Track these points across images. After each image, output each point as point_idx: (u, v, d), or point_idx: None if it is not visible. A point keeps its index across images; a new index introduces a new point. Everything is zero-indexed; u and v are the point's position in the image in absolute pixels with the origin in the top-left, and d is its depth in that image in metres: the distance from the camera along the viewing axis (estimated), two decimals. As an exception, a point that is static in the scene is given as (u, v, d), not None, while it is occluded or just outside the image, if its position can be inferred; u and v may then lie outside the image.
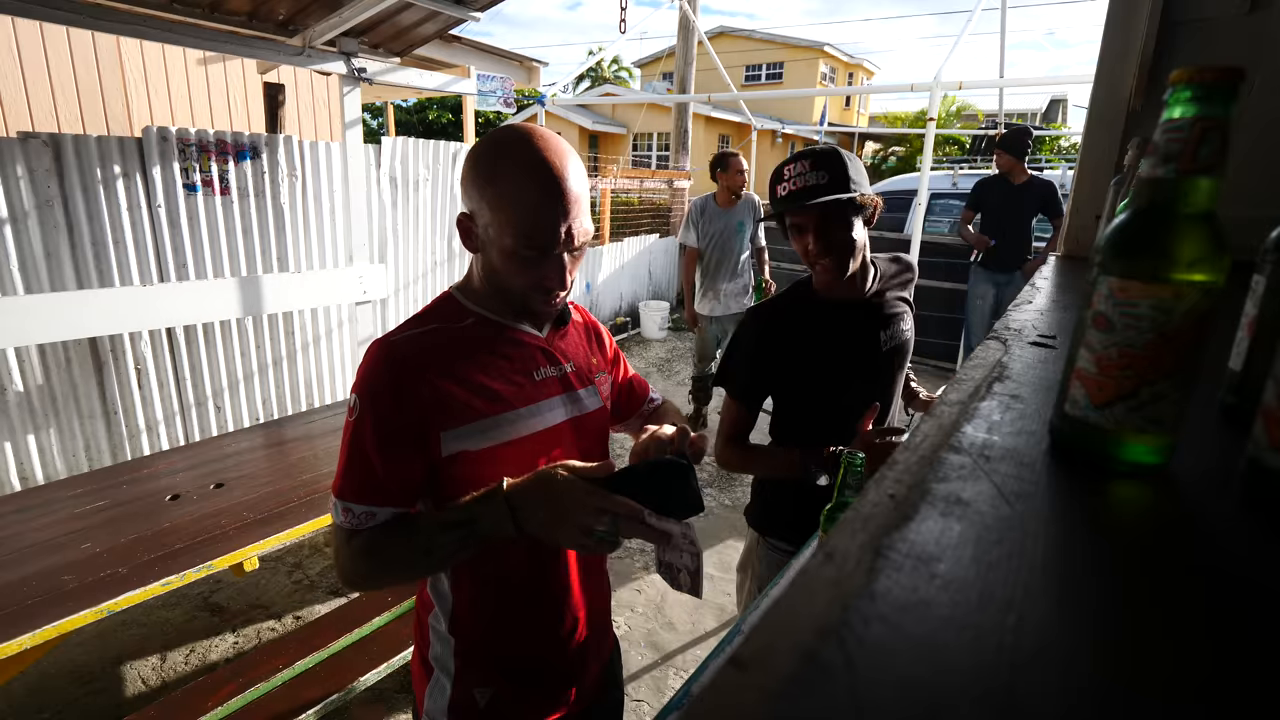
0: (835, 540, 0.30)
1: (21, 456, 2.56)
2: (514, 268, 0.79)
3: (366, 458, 0.78)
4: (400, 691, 2.02)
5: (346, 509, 0.79)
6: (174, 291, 2.60)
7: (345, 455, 0.79)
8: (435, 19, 2.77)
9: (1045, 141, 16.63)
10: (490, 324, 0.86)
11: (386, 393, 0.77)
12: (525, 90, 6.33)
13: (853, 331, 1.29)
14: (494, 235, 0.77)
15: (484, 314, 0.86)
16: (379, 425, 0.77)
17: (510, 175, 0.75)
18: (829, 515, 1.06)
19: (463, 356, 0.81)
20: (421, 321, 0.84)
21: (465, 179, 0.79)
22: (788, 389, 1.34)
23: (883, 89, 10.62)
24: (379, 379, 0.78)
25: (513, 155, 0.75)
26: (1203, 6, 1.11)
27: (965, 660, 0.23)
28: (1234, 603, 0.28)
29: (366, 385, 0.78)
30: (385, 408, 0.77)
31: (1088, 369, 0.39)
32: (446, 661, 0.89)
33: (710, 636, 2.36)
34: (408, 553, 0.78)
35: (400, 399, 0.77)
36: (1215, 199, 0.37)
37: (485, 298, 0.86)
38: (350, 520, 0.79)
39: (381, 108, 9.69)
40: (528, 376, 0.86)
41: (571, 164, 0.77)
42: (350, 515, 0.79)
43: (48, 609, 1.34)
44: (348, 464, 0.79)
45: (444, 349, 0.81)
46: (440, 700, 0.89)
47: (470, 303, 0.87)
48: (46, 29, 4.05)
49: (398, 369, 0.78)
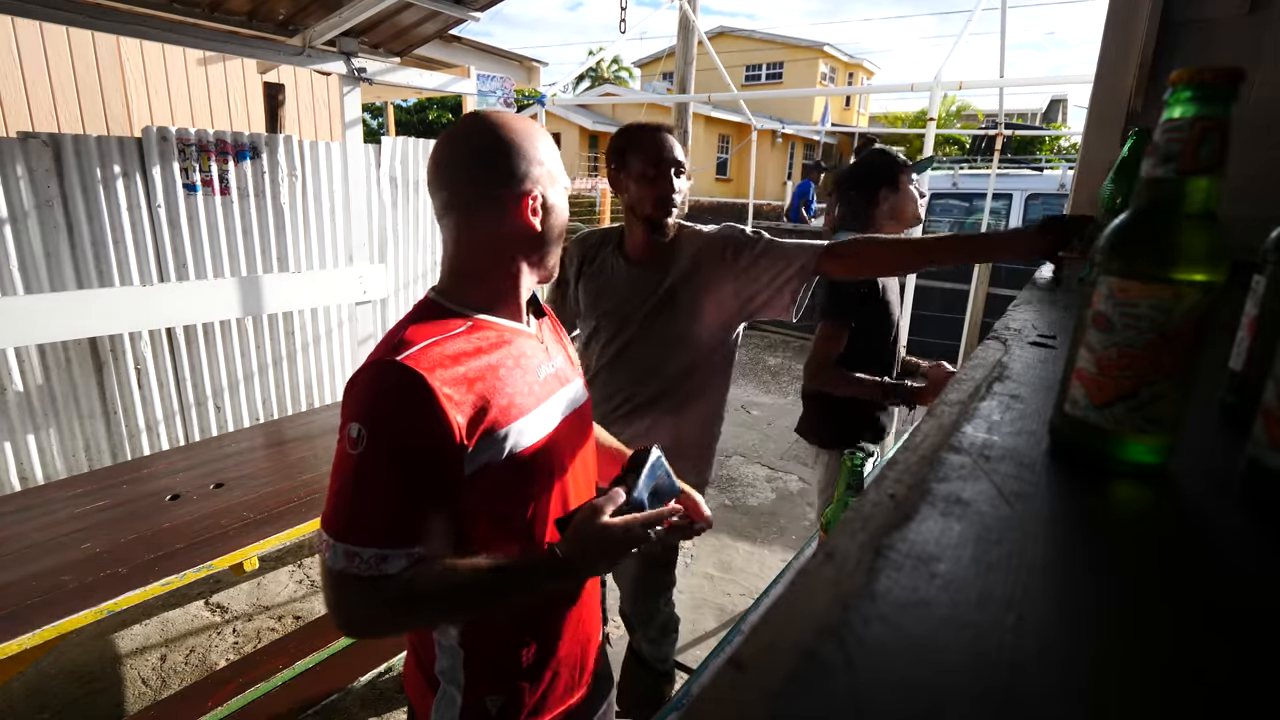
0: (835, 540, 0.30)
1: (21, 456, 2.56)
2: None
3: (377, 496, 0.69)
4: (400, 691, 2.02)
5: (353, 553, 0.68)
6: (174, 291, 2.60)
7: (347, 492, 0.70)
8: (435, 19, 2.77)
9: (1045, 141, 16.63)
10: (490, 325, 0.81)
11: (399, 418, 0.69)
12: (525, 90, 6.32)
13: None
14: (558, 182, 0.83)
15: (476, 314, 0.81)
16: (393, 458, 0.69)
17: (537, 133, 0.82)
18: (829, 515, 1.06)
19: (472, 363, 0.75)
20: (414, 334, 0.74)
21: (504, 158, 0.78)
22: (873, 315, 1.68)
23: (883, 89, 10.62)
24: (388, 405, 0.69)
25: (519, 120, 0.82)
26: (1203, 6, 1.11)
27: (965, 660, 0.23)
28: (1234, 602, 0.28)
29: (374, 412, 0.69)
30: (399, 436, 0.69)
31: (1088, 369, 0.39)
32: (456, 674, 0.86)
33: (710, 636, 2.36)
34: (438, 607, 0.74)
35: (417, 424, 0.69)
36: (1215, 199, 0.37)
37: (476, 295, 0.82)
38: (358, 567, 0.69)
39: (381, 108, 9.68)
40: (535, 375, 0.83)
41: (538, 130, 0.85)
42: (357, 560, 0.68)
43: (48, 609, 1.34)
44: (352, 502, 0.70)
45: (451, 359, 0.73)
46: (450, 711, 0.87)
47: (454, 304, 0.81)
48: (46, 29, 4.05)
49: (409, 390, 0.69)
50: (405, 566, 0.70)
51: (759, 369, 5.66)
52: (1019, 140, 14.44)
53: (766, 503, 3.36)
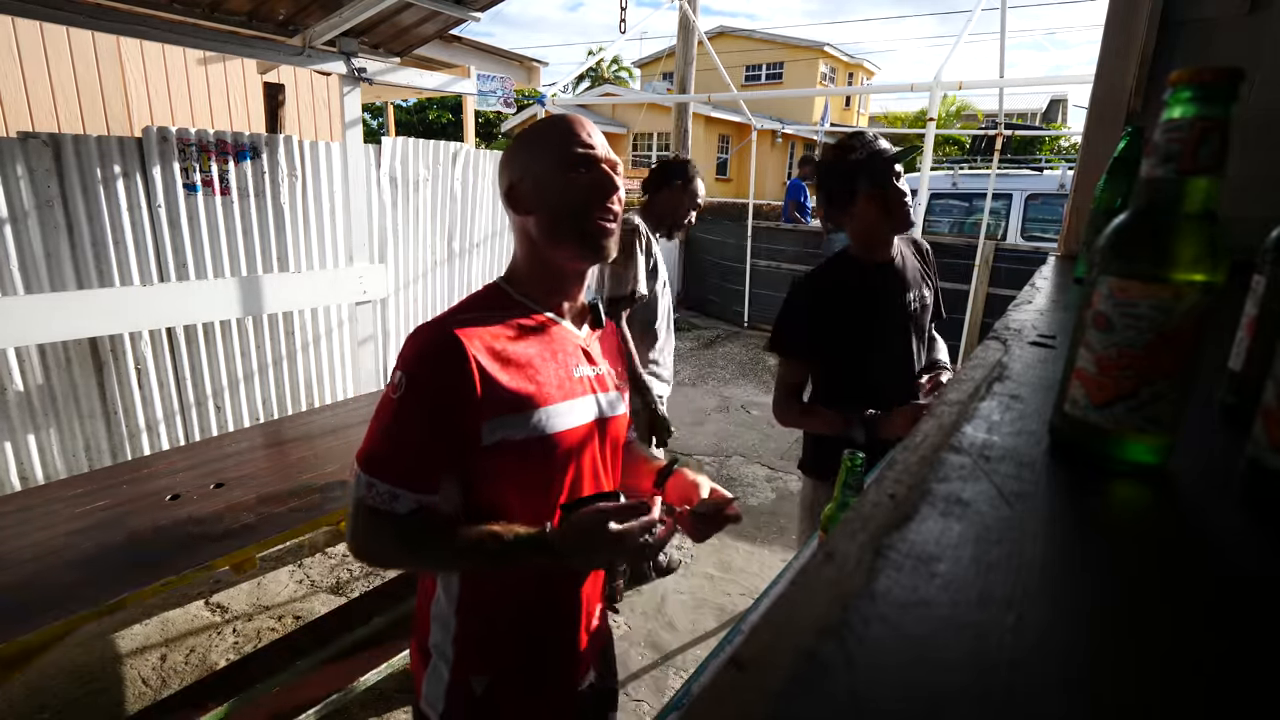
0: (835, 540, 0.30)
1: (21, 456, 2.56)
2: (569, 180, 0.84)
3: (404, 436, 0.77)
4: (400, 691, 2.02)
5: (371, 484, 0.78)
6: (174, 291, 2.60)
7: (379, 429, 0.79)
8: (435, 19, 2.77)
9: (1045, 141, 16.63)
10: (536, 315, 0.88)
11: (436, 373, 0.77)
12: (525, 90, 6.33)
13: (886, 289, 1.51)
14: (544, 168, 0.84)
15: (529, 304, 0.89)
16: (423, 404, 0.77)
17: (541, 128, 0.87)
18: (829, 515, 1.06)
19: (511, 345, 0.83)
20: (470, 308, 0.85)
21: (506, 163, 0.88)
22: (833, 345, 1.50)
23: (883, 89, 10.62)
24: (429, 358, 0.78)
25: (538, 123, 0.89)
26: (1203, 6, 1.11)
27: (965, 660, 0.23)
28: (1234, 602, 0.28)
29: (415, 363, 0.78)
30: (433, 387, 0.77)
31: (1088, 369, 0.39)
32: (445, 648, 0.90)
33: (710, 636, 2.36)
34: (435, 556, 0.82)
35: (449, 381, 0.77)
36: (1215, 199, 0.37)
37: (531, 285, 0.89)
38: (374, 498, 0.78)
39: (381, 108, 9.69)
40: (569, 371, 0.88)
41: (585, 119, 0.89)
42: (374, 492, 0.77)
43: (48, 609, 1.33)
44: (381, 438, 0.79)
45: (494, 336, 0.82)
46: (438, 687, 0.90)
47: (516, 293, 0.89)
48: (46, 29, 4.05)
49: (450, 351, 0.78)
50: (413, 510, 0.78)
51: (759, 369, 5.66)
52: (1019, 140, 14.44)
53: (766, 503, 3.36)
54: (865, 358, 1.49)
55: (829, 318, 1.48)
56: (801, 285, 1.53)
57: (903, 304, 1.52)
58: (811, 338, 1.49)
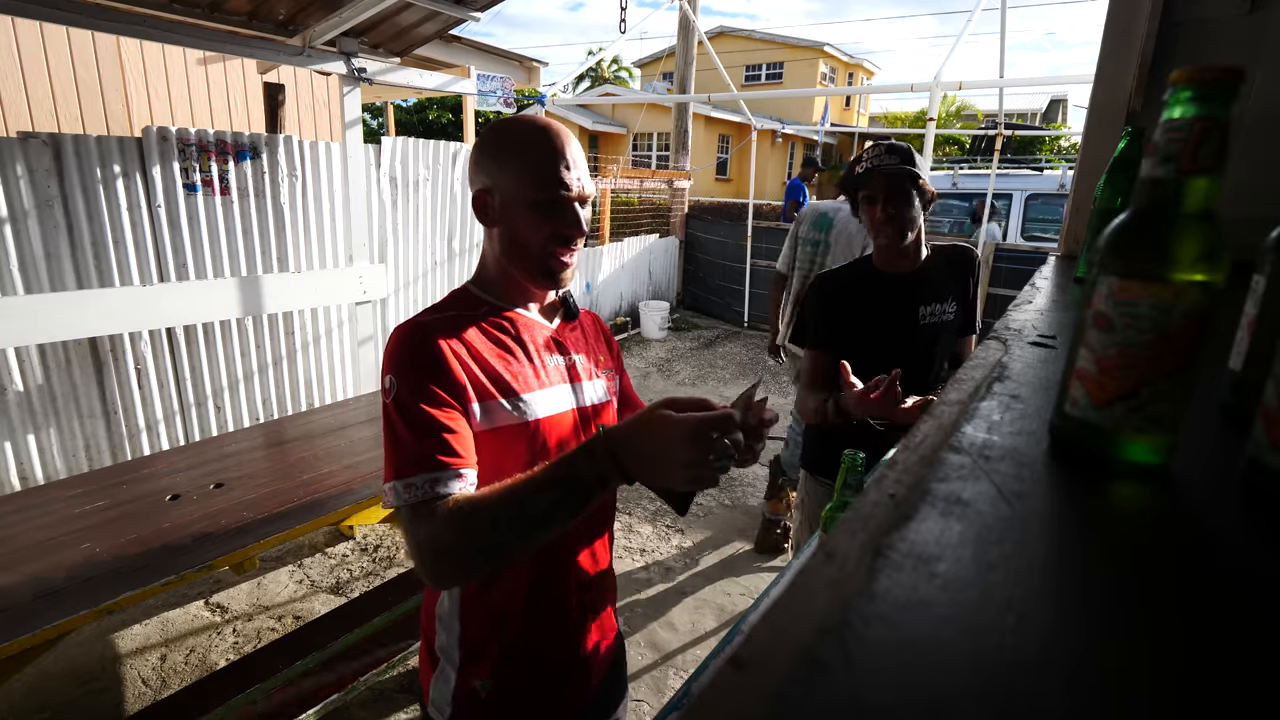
0: (835, 540, 0.30)
1: (21, 456, 2.56)
2: (533, 220, 0.84)
3: (414, 423, 0.77)
4: (400, 691, 2.02)
5: (409, 485, 0.74)
6: (174, 291, 2.60)
7: (390, 436, 0.78)
8: (435, 19, 2.77)
9: (1045, 141, 16.63)
10: (502, 311, 0.90)
11: (422, 362, 0.79)
12: (525, 90, 6.33)
13: (897, 299, 1.49)
14: (512, 194, 0.84)
15: (495, 302, 0.90)
16: (419, 388, 0.78)
17: (521, 139, 0.84)
18: (829, 515, 1.06)
19: (481, 338, 0.85)
20: (440, 309, 0.88)
21: (476, 159, 0.87)
22: (843, 343, 1.50)
23: (883, 89, 10.62)
24: (412, 351, 0.80)
25: (520, 127, 0.86)
26: (1203, 6, 1.11)
27: (965, 660, 0.23)
28: (1234, 602, 0.28)
29: (400, 360, 0.80)
30: (423, 375, 0.78)
31: (1088, 369, 0.39)
32: (451, 652, 0.90)
33: (710, 636, 2.36)
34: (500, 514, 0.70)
35: (437, 368, 0.79)
36: (1215, 199, 0.37)
37: (497, 285, 0.91)
38: (413, 494, 0.74)
39: (381, 108, 9.69)
40: (537, 363, 0.89)
41: (569, 135, 0.86)
42: (412, 490, 0.74)
43: (48, 609, 1.33)
44: (395, 442, 0.77)
45: (464, 331, 0.85)
46: (445, 690, 0.90)
47: (482, 293, 0.91)
48: (46, 29, 4.05)
49: (430, 343, 0.80)
50: (457, 483, 0.76)
51: (759, 369, 5.66)
52: (1019, 140, 14.45)
53: (766, 503, 3.36)
54: (867, 364, 1.43)
55: (836, 317, 1.51)
56: (815, 280, 1.59)
57: (914, 316, 1.48)
58: (825, 329, 1.53)
